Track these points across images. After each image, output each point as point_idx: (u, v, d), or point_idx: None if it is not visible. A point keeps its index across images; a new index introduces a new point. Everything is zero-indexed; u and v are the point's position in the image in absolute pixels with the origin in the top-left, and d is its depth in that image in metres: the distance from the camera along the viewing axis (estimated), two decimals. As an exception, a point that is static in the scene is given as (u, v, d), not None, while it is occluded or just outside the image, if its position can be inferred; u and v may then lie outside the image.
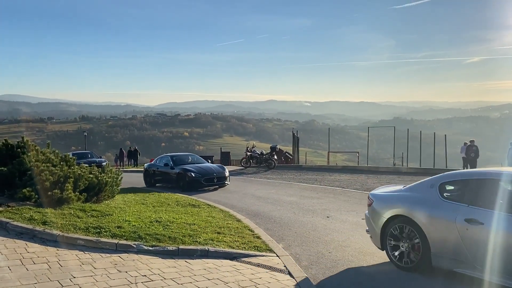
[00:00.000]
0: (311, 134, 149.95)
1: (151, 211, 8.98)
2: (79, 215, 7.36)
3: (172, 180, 15.77)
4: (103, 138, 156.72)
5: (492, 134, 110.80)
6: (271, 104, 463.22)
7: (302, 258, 6.46)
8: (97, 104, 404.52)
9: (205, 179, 15.02)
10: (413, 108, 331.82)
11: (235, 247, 6.51)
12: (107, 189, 9.35)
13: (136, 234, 6.52)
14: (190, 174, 15.03)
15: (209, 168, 15.86)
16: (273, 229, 8.43)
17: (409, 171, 24.17)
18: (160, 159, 17.39)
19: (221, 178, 15.39)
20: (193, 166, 15.80)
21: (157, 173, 16.84)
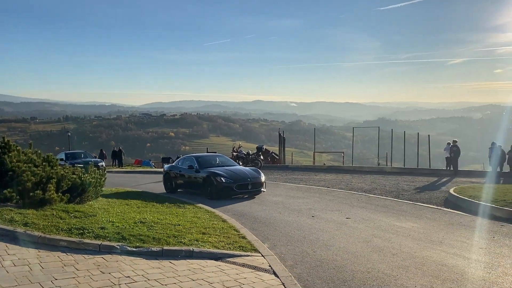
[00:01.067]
0: (297, 134, 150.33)
1: (135, 212, 8.91)
2: (62, 216, 7.26)
3: (198, 185, 13.46)
4: (88, 138, 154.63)
5: (474, 134, 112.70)
6: (257, 104, 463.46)
7: (287, 258, 6.47)
8: (81, 104, 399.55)
9: (238, 185, 12.65)
10: (398, 109, 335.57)
11: (220, 248, 6.49)
12: (90, 190, 9.24)
13: (119, 235, 6.45)
14: (219, 179, 12.60)
15: (242, 172, 13.40)
16: (258, 229, 8.43)
17: (393, 170, 24.46)
18: (183, 160, 14.94)
19: (256, 184, 13.01)
20: (223, 169, 13.36)
21: (180, 176, 14.43)
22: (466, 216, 9.78)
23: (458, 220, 9.28)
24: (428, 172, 22.68)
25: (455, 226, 8.74)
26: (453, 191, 12.81)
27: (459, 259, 6.35)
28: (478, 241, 7.42)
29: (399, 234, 7.99)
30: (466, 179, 18.72)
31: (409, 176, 20.54)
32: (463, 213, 10.17)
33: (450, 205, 11.56)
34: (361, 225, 8.89)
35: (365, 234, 8.04)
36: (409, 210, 10.65)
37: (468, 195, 11.82)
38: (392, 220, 9.33)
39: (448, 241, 7.47)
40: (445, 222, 9.16)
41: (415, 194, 13.83)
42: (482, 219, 9.44)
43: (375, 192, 14.52)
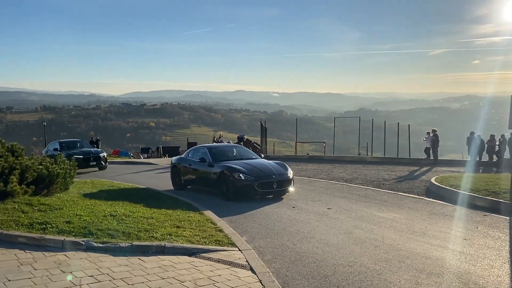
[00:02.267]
0: (280, 124, 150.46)
1: (107, 204, 8.43)
2: (25, 209, 6.77)
3: (211, 182, 11.23)
4: (66, 129, 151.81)
5: (453, 124, 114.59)
6: (239, 94, 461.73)
7: (266, 252, 6.15)
8: (60, 94, 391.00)
9: (261, 183, 10.32)
10: (378, 99, 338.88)
11: (194, 242, 6.12)
12: (59, 181, 8.73)
13: (86, 230, 6.01)
14: (237, 175, 10.36)
15: (265, 166, 10.98)
16: (236, 221, 8.09)
17: (373, 160, 24.44)
18: (194, 151, 12.58)
19: (283, 182, 10.65)
20: (242, 163, 11.05)
21: (190, 171, 12.18)
22: (448, 206, 9.62)
23: (440, 210, 9.11)
24: (408, 161, 22.70)
25: (437, 216, 8.56)
26: (434, 181, 12.69)
27: (443, 251, 6.13)
28: (461, 232, 7.23)
29: (381, 225, 7.75)
30: (446, 169, 18.71)
31: (389, 166, 20.50)
32: (444, 202, 10.02)
33: (431, 194, 11.43)
34: (342, 215, 8.63)
35: (347, 225, 7.79)
36: (390, 200, 10.46)
37: (449, 184, 11.71)
38: (373, 211, 9.10)
39: (431, 232, 7.26)
40: (427, 212, 8.98)
41: (396, 184, 13.68)
42: (464, 209, 9.29)
43: (356, 182, 14.34)
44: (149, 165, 23.68)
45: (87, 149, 21.23)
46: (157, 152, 39.08)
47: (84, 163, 19.36)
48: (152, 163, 24.28)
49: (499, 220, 8.19)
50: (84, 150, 20.75)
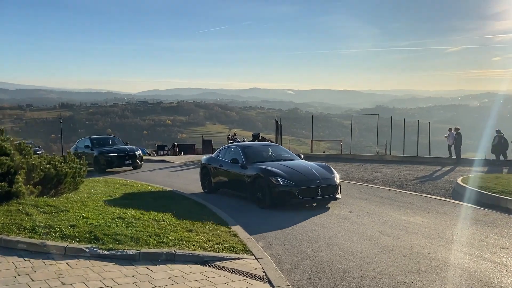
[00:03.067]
0: (294, 122, 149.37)
1: (117, 205, 8.05)
2: (29, 211, 6.40)
3: (244, 186, 9.91)
4: (84, 126, 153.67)
5: (471, 122, 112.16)
6: (254, 92, 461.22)
7: (284, 260, 5.67)
8: (78, 91, 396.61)
9: (302, 190, 8.90)
10: (395, 97, 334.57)
11: (207, 248, 5.67)
12: (67, 180, 8.38)
13: (92, 235, 5.61)
14: (275, 179, 8.99)
15: (307, 169, 9.54)
16: (252, 225, 7.62)
17: (393, 159, 23.70)
18: (225, 151, 11.31)
19: (328, 188, 9.19)
20: (279, 165, 9.67)
21: (220, 173, 10.95)
22: (479, 209, 8.99)
23: (471, 214, 8.49)
24: (430, 160, 21.93)
25: (468, 221, 7.95)
26: (461, 182, 12.02)
27: (480, 261, 5.56)
28: (497, 240, 6.63)
29: (408, 231, 7.20)
30: (469, 168, 17.96)
31: (410, 165, 19.82)
32: (474, 205, 9.38)
33: (458, 196, 10.78)
34: (366, 219, 8.09)
35: (371, 230, 7.25)
36: (416, 202, 9.86)
37: (478, 186, 11.03)
38: (399, 214, 8.54)
39: (464, 239, 6.68)
40: (456, 216, 8.38)
41: (420, 184, 13.05)
42: (496, 213, 8.65)
43: (377, 182, 13.74)
44: (164, 162, 23.36)
45: (122, 146, 19.32)
46: (172, 150, 38.89)
47: (119, 162, 18.07)
48: (167, 161, 23.96)
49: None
50: (119, 148, 18.91)
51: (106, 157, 17.83)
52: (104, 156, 17.83)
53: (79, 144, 20.05)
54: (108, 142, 19.75)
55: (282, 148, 11.97)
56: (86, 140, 19.87)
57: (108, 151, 18.15)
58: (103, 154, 17.90)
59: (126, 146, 19.74)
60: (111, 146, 18.98)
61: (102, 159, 17.79)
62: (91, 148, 18.54)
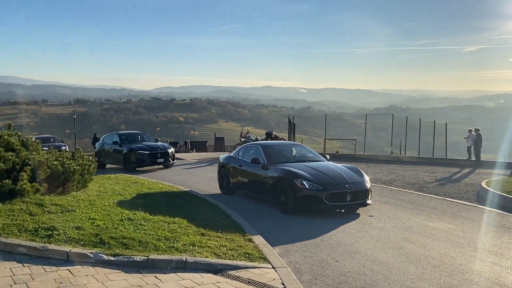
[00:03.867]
0: (307, 121, 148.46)
1: (126, 205, 7.69)
2: (33, 211, 6.07)
3: (266, 189, 9.19)
4: (98, 122, 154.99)
5: (487, 123, 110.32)
6: (267, 90, 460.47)
7: (304, 270, 5.24)
8: (92, 87, 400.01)
9: (331, 194, 8.17)
10: (409, 96, 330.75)
11: (221, 255, 5.26)
12: (75, 178, 8.05)
13: (97, 238, 5.24)
14: (300, 182, 8.25)
15: (335, 172, 8.82)
16: (267, 229, 7.20)
17: (410, 160, 23.07)
18: (246, 149, 10.62)
19: (358, 193, 8.48)
20: (304, 166, 8.94)
21: (240, 173, 10.28)
22: (508, 215, 8.42)
23: (501, 221, 7.95)
24: (447, 162, 21.30)
25: (499, 228, 7.42)
26: (485, 185, 11.44)
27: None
28: (534, 251, 6.11)
29: (435, 238, 6.71)
30: (489, 171, 17.33)
31: (427, 166, 19.24)
32: (503, 212, 8.83)
33: (484, 201, 10.21)
34: (388, 225, 7.62)
35: (395, 237, 6.78)
36: (439, 207, 9.33)
37: (505, 190, 10.45)
38: (422, 219, 8.04)
39: (497, 249, 6.18)
40: (485, 223, 7.85)
41: (440, 187, 12.50)
42: (528, 220, 8.10)
43: (395, 184, 13.21)
44: (176, 159, 23.05)
45: (153, 143, 17.80)
46: (185, 147, 38.69)
47: (151, 160, 16.65)
48: (179, 158, 23.62)
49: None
50: (150, 145, 17.34)
51: (137, 155, 16.49)
52: (135, 154, 16.49)
53: (106, 140, 18.63)
54: (137, 138, 18.31)
55: (306, 147, 11.14)
56: (114, 136, 18.37)
57: (139, 148, 16.75)
58: (134, 151, 16.55)
59: (157, 143, 18.38)
60: (141, 143, 17.57)
61: (132, 157, 16.47)
62: (120, 144, 17.27)
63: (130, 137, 18.19)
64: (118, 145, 17.31)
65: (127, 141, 17.62)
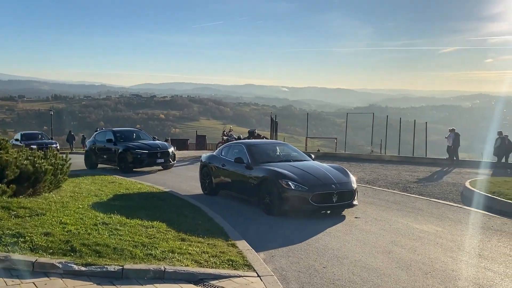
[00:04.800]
0: (288, 119, 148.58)
1: (101, 207, 7.27)
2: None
3: (250, 189, 8.85)
4: (76, 118, 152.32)
5: (464, 123, 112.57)
6: (249, 88, 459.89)
7: (290, 277, 4.95)
8: (71, 83, 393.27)
9: (316, 195, 7.91)
10: (388, 96, 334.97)
11: (203, 263, 4.92)
12: (47, 178, 7.58)
13: (68, 245, 4.83)
14: (285, 183, 7.96)
15: (321, 172, 8.55)
16: (251, 232, 6.89)
17: (391, 159, 23.12)
18: (229, 148, 10.22)
19: (345, 193, 8.21)
20: (289, 166, 8.67)
21: (223, 173, 9.91)
22: (495, 217, 8.32)
23: (488, 223, 7.82)
24: (428, 161, 21.49)
25: (487, 231, 7.28)
26: (470, 186, 11.38)
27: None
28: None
29: (424, 242, 6.51)
30: (469, 170, 17.48)
31: (409, 166, 19.31)
32: (488, 213, 8.71)
33: (468, 201, 10.11)
34: (375, 227, 7.40)
35: (383, 240, 6.55)
36: (425, 208, 9.17)
37: (489, 190, 10.37)
38: (409, 221, 7.85)
39: (488, 252, 6.00)
40: (473, 225, 7.70)
41: (424, 187, 12.41)
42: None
43: (379, 183, 13.08)
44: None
45: (152, 142, 16.40)
46: (165, 145, 38.03)
47: (150, 160, 15.28)
48: (159, 157, 23.12)
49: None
50: (149, 143, 15.90)
51: (134, 154, 15.01)
52: (132, 153, 15.03)
53: (98, 138, 17.21)
54: (132, 136, 16.93)
55: (291, 147, 10.83)
56: (107, 133, 16.89)
57: (137, 147, 15.26)
58: (131, 150, 15.07)
59: (156, 141, 16.99)
60: (138, 141, 16.20)
61: (129, 157, 15.02)
62: (115, 142, 15.82)
63: (126, 135, 16.82)
64: (112, 143, 15.87)
65: (122, 139, 16.32)
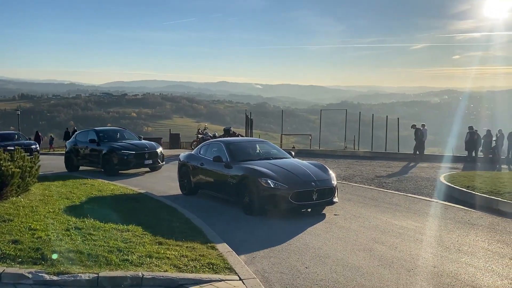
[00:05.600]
0: (262, 116, 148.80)
1: (74, 211, 6.97)
2: (-39, 223, 5.27)
3: (229, 189, 8.66)
4: (45, 118, 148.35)
5: (432, 118, 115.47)
6: (222, 85, 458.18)
7: (273, 279, 4.82)
8: (38, 82, 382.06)
9: (296, 193, 7.76)
10: (360, 93, 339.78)
11: (182, 267, 4.74)
12: (14, 182, 7.20)
13: (38, 253, 4.56)
14: (264, 181, 7.76)
15: (301, 170, 8.36)
16: (230, 232, 6.74)
17: (365, 155, 23.45)
18: (207, 147, 9.95)
19: (325, 191, 8.09)
20: (269, 164, 8.44)
21: (201, 172, 9.64)
22: (471, 211, 8.44)
23: (464, 218, 7.91)
24: (401, 156, 22.03)
25: (464, 225, 7.35)
26: (444, 180, 11.55)
27: (496, 278, 4.89)
28: (502, 249, 6.02)
29: (404, 238, 6.50)
30: (441, 164, 17.98)
31: (383, 161, 19.65)
32: (464, 207, 8.83)
33: (443, 196, 10.27)
34: (354, 224, 7.37)
35: (363, 238, 6.51)
36: (402, 203, 9.23)
37: (463, 185, 10.54)
38: (388, 217, 7.86)
39: (467, 247, 6.04)
40: (450, 220, 7.77)
41: (399, 182, 12.58)
42: (490, 215, 8.10)
43: (355, 179, 13.17)
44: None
45: (138, 142, 15.34)
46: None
47: (137, 161, 14.28)
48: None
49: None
50: (135, 143, 14.88)
51: (120, 156, 14.01)
52: (118, 154, 14.03)
53: (79, 138, 16.09)
54: (117, 136, 15.79)
55: (271, 144, 10.57)
56: (90, 133, 15.72)
57: (123, 148, 14.23)
58: (116, 151, 14.06)
59: (142, 141, 15.89)
60: (123, 141, 15.15)
61: (115, 158, 14.02)
62: (98, 143, 14.74)
63: (110, 134, 15.78)
64: (95, 143, 14.79)
65: (106, 139, 15.26)
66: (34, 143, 21.54)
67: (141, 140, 15.93)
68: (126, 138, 15.78)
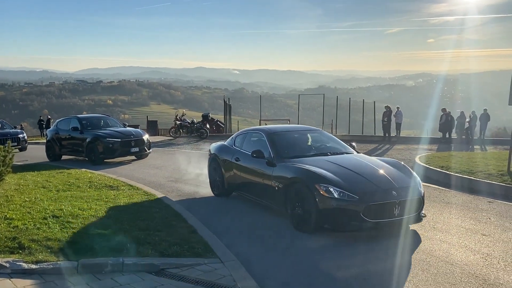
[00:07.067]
0: (241, 102, 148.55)
1: (51, 199, 6.88)
2: None
3: (273, 194, 6.54)
4: (17, 107, 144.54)
5: (407, 101, 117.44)
6: (200, 71, 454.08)
7: (253, 261, 4.88)
8: (9, 70, 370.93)
9: (371, 207, 5.48)
10: (337, 77, 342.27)
11: (163, 252, 4.75)
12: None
13: (15, 242, 4.50)
14: (324, 188, 5.44)
15: (373, 171, 6.21)
16: (210, 217, 6.76)
17: (343, 138, 23.47)
18: (244, 137, 7.98)
19: (410, 202, 5.74)
20: (327, 163, 6.29)
21: (237, 169, 7.59)
22: (446, 191, 8.69)
23: (439, 197, 8.15)
24: (378, 139, 22.46)
25: (439, 204, 7.58)
26: (419, 161, 11.83)
27: (469, 253, 5.06)
28: (475, 225, 6.23)
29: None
30: (416, 146, 18.38)
31: (361, 144, 19.80)
32: (439, 187, 9.09)
33: (419, 176, 10.44)
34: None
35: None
36: (379, 184, 9.41)
37: (438, 165, 10.83)
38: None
39: (441, 225, 6.24)
40: (426, 199, 7.82)
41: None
42: (463, 194, 8.37)
43: (334, 163, 13.33)
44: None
45: (123, 129, 14.69)
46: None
47: (122, 149, 13.70)
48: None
49: (508, 207, 7.30)
50: (120, 130, 14.27)
51: (105, 144, 13.43)
52: (103, 143, 13.44)
53: (61, 126, 15.41)
54: (100, 123, 15.13)
55: (326, 134, 8.03)
56: (72, 120, 15.06)
57: (108, 135, 13.64)
58: (101, 139, 13.48)
59: (128, 128, 15.27)
60: (107, 128, 14.50)
61: (100, 146, 13.46)
62: (81, 131, 14.16)
63: (93, 122, 15.10)
64: (78, 131, 14.21)
65: (89, 126, 14.61)
66: (21, 131, 19.99)
67: (126, 127, 15.34)
68: (110, 126, 15.12)
